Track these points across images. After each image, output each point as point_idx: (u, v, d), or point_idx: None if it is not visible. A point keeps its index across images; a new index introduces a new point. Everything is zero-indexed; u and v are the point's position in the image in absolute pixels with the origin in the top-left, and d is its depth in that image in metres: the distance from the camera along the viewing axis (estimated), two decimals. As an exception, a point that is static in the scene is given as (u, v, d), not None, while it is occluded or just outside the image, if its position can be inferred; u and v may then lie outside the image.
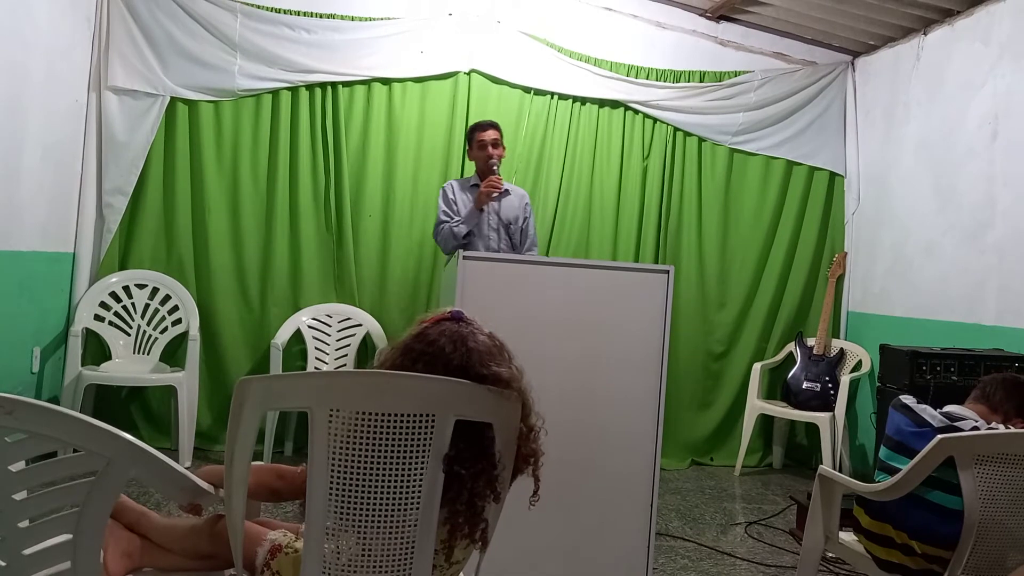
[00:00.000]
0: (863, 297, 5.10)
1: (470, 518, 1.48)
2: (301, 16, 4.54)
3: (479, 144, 3.93)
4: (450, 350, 1.48)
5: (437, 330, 1.52)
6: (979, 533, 1.97)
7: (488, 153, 3.88)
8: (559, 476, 2.37)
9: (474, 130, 4.01)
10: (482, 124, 4.01)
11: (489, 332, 1.56)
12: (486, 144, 3.90)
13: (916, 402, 2.31)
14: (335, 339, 4.51)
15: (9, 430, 1.27)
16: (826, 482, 2.41)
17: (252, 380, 1.40)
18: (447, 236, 3.87)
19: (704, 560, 3.30)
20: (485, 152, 3.89)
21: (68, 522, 1.32)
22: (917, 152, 4.68)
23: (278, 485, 1.68)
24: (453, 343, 1.49)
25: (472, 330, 1.53)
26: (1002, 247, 3.98)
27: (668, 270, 2.69)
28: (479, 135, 3.95)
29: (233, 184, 4.52)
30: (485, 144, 3.90)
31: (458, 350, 1.48)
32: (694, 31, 5.14)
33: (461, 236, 3.83)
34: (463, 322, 1.55)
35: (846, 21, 4.87)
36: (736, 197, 5.19)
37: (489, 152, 3.88)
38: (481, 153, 3.92)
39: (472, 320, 1.57)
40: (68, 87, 4.09)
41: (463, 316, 1.56)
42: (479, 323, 1.58)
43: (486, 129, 3.96)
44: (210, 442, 4.43)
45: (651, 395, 2.65)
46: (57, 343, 4.13)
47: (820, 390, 4.69)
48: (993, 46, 4.15)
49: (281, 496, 1.70)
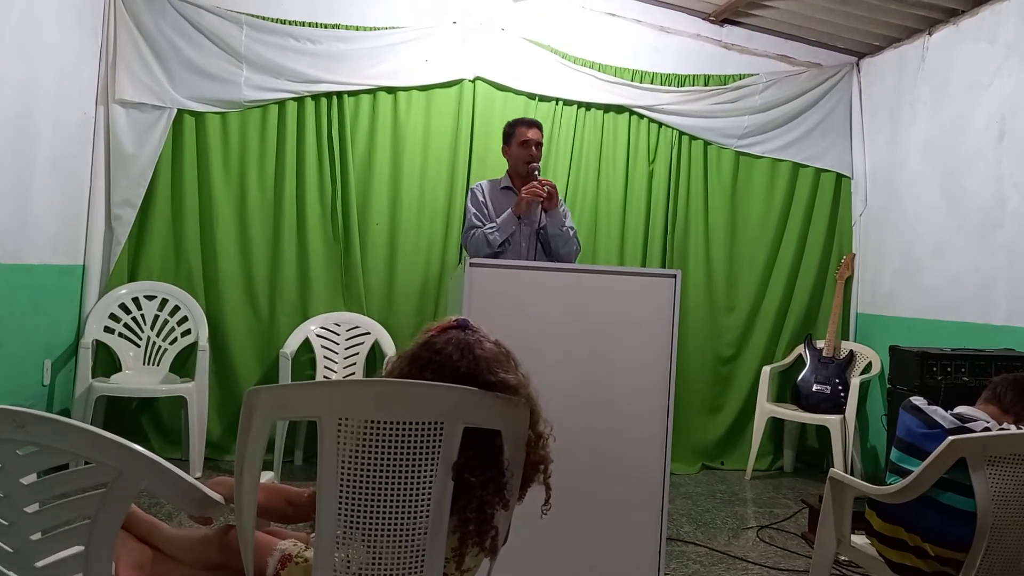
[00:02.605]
0: (872, 299, 5.07)
1: (480, 526, 1.49)
2: (306, 27, 4.56)
3: (521, 141, 3.58)
4: (457, 358, 1.48)
5: (443, 339, 1.53)
6: (992, 535, 1.96)
7: (531, 153, 3.56)
8: (569, 481, 2.37)
9: (516, 125, 3.66)
10: (527, 120, 3.69)
11: (495, 339, 1.57)
12: (530, 143, 3.57)
13: (927, 403, 2.30)
14: (344, 348, 4.52)
15: (20, 443, 1.28)
16: (837, 485, 2.40)
17: (261, 390, 1.40)
18: (479, 243, 3.51)
19: (716, 565, 3.29)
20: (527, 151, 3.56)
21: (80, 534, 1.33)
22: (924, 153, 4.67)
23: (288, 510, 1.69)
24: (460, 351, 1.49)
25: (478, 337, 1.54)
26: (1012, 248, 3.96)
27: (675, 274, 2.68)
28: (523, 131, 3.59)
29: (240, 194, 4.54)
30: (529, 143, 3.57)
31: (465, 357, 1.49)
32: (698, 35, 5.15)
33: (496, 245, 3.49)
34: (469, 330, 1.55)
35: (850, 22, 4.87)
36: (743, 200, 5.19)
37: (532, 152, 3.56)
38: (522, 152, 3.58)
39: (478, 328, 1.57)
40: (76, 101, 4.13)
41: (468, 324, 1.57)
42: (485, 330, 1.58)
43: (532, 126, 3.62)
44: (221, 452, 4.44)
45: (660, 399, 2.64)
46: (67, 355, 4.15)
47: (830, 392, 4.67)
48: (999, 46, 4.14)
49: (289, 520, 1.72)
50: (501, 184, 3.71)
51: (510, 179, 3.68)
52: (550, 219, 3.50)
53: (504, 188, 3.67)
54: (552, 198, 3.46)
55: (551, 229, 3.50)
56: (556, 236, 3.51)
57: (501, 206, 3.60)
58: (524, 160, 3.56)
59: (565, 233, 3.55)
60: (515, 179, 3.66)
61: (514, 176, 3.67)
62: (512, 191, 3.63)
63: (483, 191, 3.69)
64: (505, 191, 3.66)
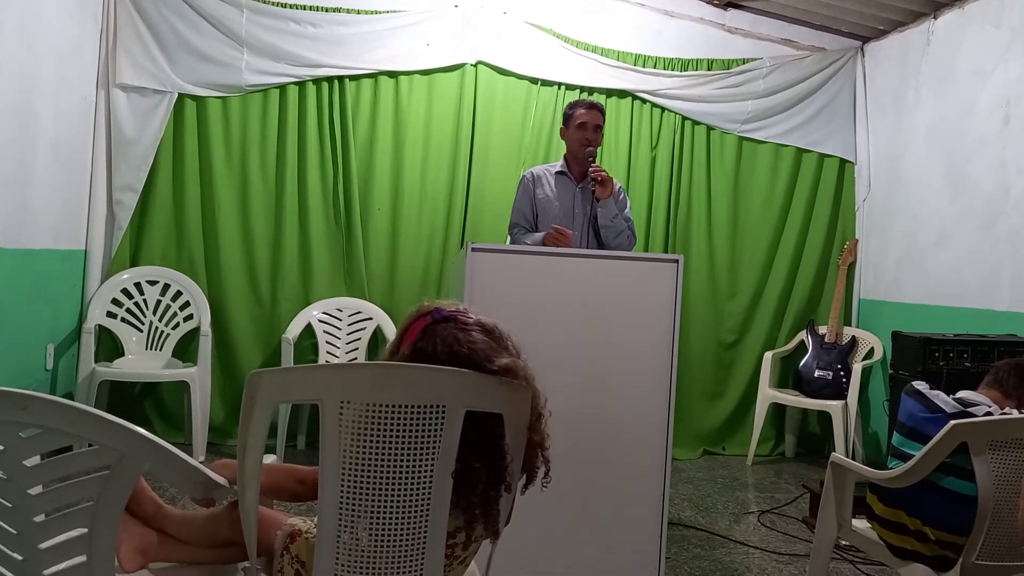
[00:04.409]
0: (875, 284, 5.07)
1: (484, 508, 1.49)
2: (307, 11, 4.54)
3: (579, 124, 3.37)
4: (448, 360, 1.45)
5: (426, 341, 1.49)
6: (993, 519, 1.96)
7: (587, 136, 3.35)
8: (571, 467, 2.38)
9: (575, 106, 3.43)
10: (586, 101, 3.47)
11: (475, 319, 1.52)
12: (587, 126, 3.35)
13: (929, 388, 2.30)
14: (346, 333, 4.52)
15: (24, 425, 1.28)
16: (839, 470, 2.40)
17: (263, 373, 1.40)
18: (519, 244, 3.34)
19: (717, 549, 3.30)
20: (583, 134, 3.35)
21: (83, 516, 1.33)
22: (928, 138, 4.65)
23: (299, 489, 1.66)
24: (450, 351, 1.46)
25: (460, 326, 1.50)
26: (1015, 234, 3.95)
27: (677, 259, 2.68)
28: (581, 113, 3.37)
29: (242, 179, 4.54)
30: (587, 126, 3.35)
31: (458, 355, 1.45)
32: (702, 19, 5.11)
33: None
34: (448, 320, 1.51)
35: (854, 6, 4.83)
36: (745, 185, 5.17)
37: (588, 136, 3.35)
38: (578, 134, 3.37)
39: (455, 313, 1.52)
40: (77, 85, 4.11)
41: (444, 312, 1.52)
42: (461, 309, 1.53)
43: (591, 108, 3.39)
44: (223, 436, 4.45)
45: (662, 385, 2.64)
46: (70, 340, 4.16)
47: (832, 378, 4.68)
48: (1004, 29, 4.10)
49: (301, 498, 1.69)
50: (556, 168, 3.50)
51: (566, 163, 3.49)
52: (601, 209, 3.32)
53: (559, 173, 3.48)
54: (605, 185, 3.26)
55: (602, 220, 3.33)
56: (607, 227, 3.34)
57: (557, 194, 3.44)
58: (580, 143, 3.37)
59: (616, 224, 3.36)
60: (571, 162, 3.47)
61: (570, 159, 3.48)
62: (567, 176, 3.46)
63: (536, 181, 3.46)
64: (560, 177, 3.47)
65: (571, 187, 3.45)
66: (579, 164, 3.43)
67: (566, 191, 3.45)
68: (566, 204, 3.43)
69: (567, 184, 3.46)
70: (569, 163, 3.48)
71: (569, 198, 3.43)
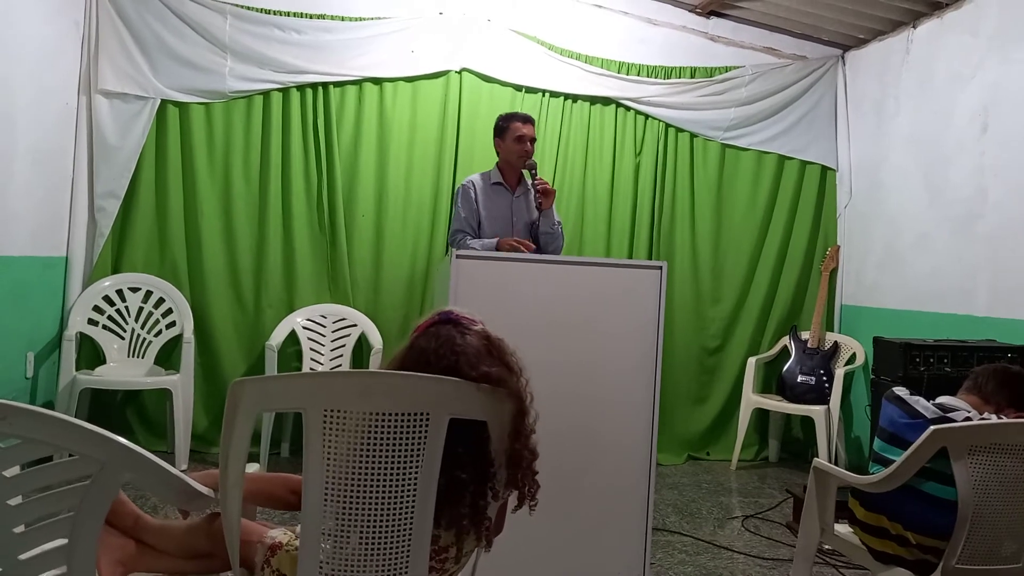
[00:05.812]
0: (856, 290, 5.11)
1: (474, 518, 1.49)
2: (291, 17, 4.53)
3: (517, 137, 3.52)
4: (434, 360, 1.48)
5: (425, 338, 1.52)
6: (973, 523, 1.98)
7: (526, 149, 3.51)
8: (556, 472, 2.37)
9: (511, 119, 3.58)
10: (522, 115, 3.62)
11: (480, 328, 1.55)
12: (525, 139, 3.51)
13: (909, 394, 2.32)
14: (330, 340, 4.51)
15: (3, 436, 1.27)
16: (821, 475, 2.41)
17: (246, 382, 1.40)
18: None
19: (702, 554, 3.31)
20: (522, 147, 3.51)
21: (64, 526, 1.32)
22: (908, 145, 4.70)
23: (291, 499, 1.66)
24: (438, 351, 1.49)
25: (461, 330, 1.53)
26: (993, 239, 4.00)
27: (661, 266, 2.70)
28: (518, 126, 3.52)
29: (225, 186, 4.51)
30: (524, 139, 3.51)
31: (445, 357, 1.48)
32: (684, 27, 5.15)
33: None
34: (453, 323, 1.54)
35: (835, 15, 4.89)
36: (728, 192, 5.20)
37: (527, 148, 3.51)
38: (517, 147, 3.52)
39: (461, 317, 1.56)
40: (58, 91, 4.08)
41: (452, 315, 1.56)
42: (471, 318, 1.57)
43: (527, 122, 3.56)
44: (207, 445, 4.42)
45: (646, 391, 2.66)
46: (51, 348, 4.12)
47: (815, 383, 4.71)
48: (981, 38, 4.16)
49: (292, 507, 1.67)
50: (492, 180, 3.63)
51: (500, 172, 3.63)
52: (544, 218, 3.50)
53: (495, 184, 3.61)
54: (549, 197, 3.47)
55: (543, 227, 3.51)
56: (547, 234, 3.52)
57: (492, 204, 3.57)
58: (519, 156, 3.53)
59: (556, 231, 3.56)
60: (506, 172, 3.62)
61: (505, 168, 3.63)
62: (503, 187, 3.60)
63: (476, 189, 3.59)
64: (496, 187, 3.61)
65: (507, 196, 3.61)
66: (515, 174, 3.61)
67: (503, 200, 3.61)
68: (504, 212, 3.59)
69: (503, 193, 3.64)
70: (504, 173, 3.62)
71: (506, 206, 3.59)
